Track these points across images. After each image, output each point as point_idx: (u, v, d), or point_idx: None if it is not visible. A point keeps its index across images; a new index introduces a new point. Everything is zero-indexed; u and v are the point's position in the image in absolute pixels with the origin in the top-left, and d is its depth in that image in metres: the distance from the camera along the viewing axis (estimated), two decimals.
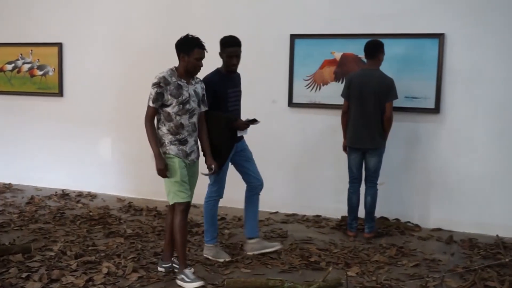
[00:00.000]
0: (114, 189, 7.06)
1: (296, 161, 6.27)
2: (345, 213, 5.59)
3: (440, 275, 4.22)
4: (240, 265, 4.58)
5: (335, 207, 5.93)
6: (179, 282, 4.13)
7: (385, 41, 5.43)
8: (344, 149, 5.54)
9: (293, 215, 6.19)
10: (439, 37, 5.60)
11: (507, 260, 2.36)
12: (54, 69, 7.30)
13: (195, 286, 4.05)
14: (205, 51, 4.32)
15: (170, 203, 4.26)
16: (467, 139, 5.67)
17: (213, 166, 4.50)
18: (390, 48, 5.61)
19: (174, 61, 6.76)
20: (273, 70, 6.26)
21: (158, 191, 6.74)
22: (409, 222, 5.85)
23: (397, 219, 5.88)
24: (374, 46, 5.33)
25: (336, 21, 5.98)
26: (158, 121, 4.26)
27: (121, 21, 6.95)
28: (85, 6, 7.12)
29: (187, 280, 4.09)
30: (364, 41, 5.46)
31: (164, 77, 4.18)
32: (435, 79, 5.63)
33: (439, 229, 5.71)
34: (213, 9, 6.53)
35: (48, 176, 7.43)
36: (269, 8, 6.29)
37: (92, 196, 6.99)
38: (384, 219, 5.85)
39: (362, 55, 5.69)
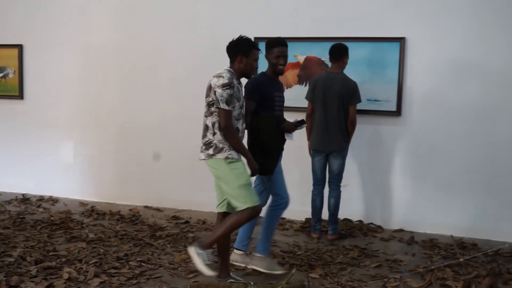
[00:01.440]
0: (76, 193, 6.96)
1: None
2: (309, 215, 5.63)
3: (401, 275, 4.28)
4: None
5: (299, 209, 5.95)
6: (193, 254, 3.88)
7: (347, 45, 5.49)
8: (310, 151, 5.57)
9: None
10: (400, 41, 5.69)
11: (461, 260, 2.41)
12: (14, 71, 7.16)
13: (205, 272, 3.85)
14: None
15: (242, 208, 3.85)
16: (427, 141, 5.78)
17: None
18: (353, 52, 5.66)
19: (138, 65, 6.76)
20: None
21: (121, 195, 6.71)
22: (372, 223, 5.92)
23: (360, 221, 5.95)
24: (339, 50, 5.38)
25: (300, 24, 6.03)
26: (213, 125, 3.91)
27: (83, 23, 6.86)
28: (46, 8, 7.00)
29: (205, 261, 3.86)
30: (327, 45, 5.51)
31: (232, 78, 3.90)
32: (397, 82, 5.72)
33: (401, 230, 5.80)
34: (176, 12, 6.50)
35: (8, 180, 7.28)
36: (232, 11, 6.30)
37: (53, 200, 6.88)
38: (347, 220, 5.92)
39: (325, 58, 5.75)
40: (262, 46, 6.07)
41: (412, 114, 5.77)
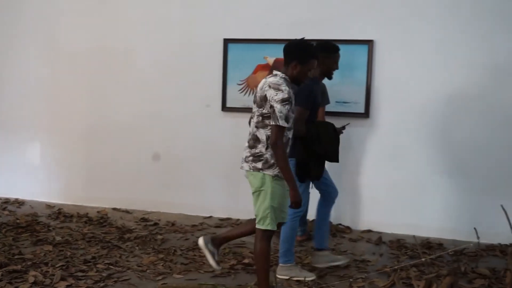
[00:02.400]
0: (43, 196, 6.84)
1: (230, 165, 6.25)
2: None
3: (366, 275, 4.33)
4: (173, 271, 4.54)
5: None
6: None
7: None
8: None
9: (227, 219, 6.19)
10: (369, 44, 5.75)
11: (423, 259, 2.46)
12: None
13: None
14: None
15: (262, 227, 3.74)
16: (395, 143, 5.85)
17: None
18: None
19: (108, 66, 6.67)
20: (207, 75, 6.25)
21: (89, 197, 6.64)
22: (340, 224, 5.97)
23: (329, 222, 5.98)
24: None
25: (269, 26, 6.05)
26: (267, 138, 3.66)
27: (50, 23, 6.76)
28: (12, 6, 6.87)
29: None
30: None
31: (290, 90, 3.66)
32: (365, 84, 5.78)
33: (369, 231, 5.86)
34: (146, 12, 6.45)
35: None
36: (202, 12, 6.28)
37: (19, 203, 6.75)
38: None
39: None
40: (234, 47, 6.16)
41: (380, 115, 5.84)
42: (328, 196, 4.77)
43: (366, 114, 5.82)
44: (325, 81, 5.46)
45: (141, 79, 6.48)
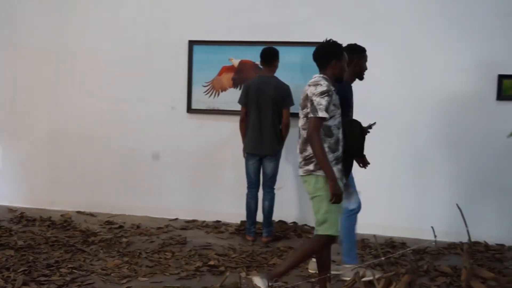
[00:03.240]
0: (5, 199, 6.70)
1: (196, 167, 6.27)
2: (244, 218, 5.66)
3: (328, 274, 4.37)
4: (138, 274, 4.51)
5: (235, 212, 5.98)
6: (258, 284, 3.67)
7: (280, 49, 5.58)
8: (244, 155, 5.59)
9: (193, 221, 6.17)
10: None
11: (382, 258, 2.50)
12: None
13: None
14: None
15: (321, 233, 3.71)
16: None
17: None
18: (286, 56, 5.76)
19: (72, 68, 6.59)
20: (172, 76, 6.23)
21: (53, 200, 6.54)
22: (306, 225, 6.01)
23: (295, 222, 6.04)
24: (271, 53, 5.45)
25: (234, 28, 6.06)
26: (308, 141, 3.64)
27: (11, 23, 6.64)
28: None
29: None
30: (261, 49, 5.57)
31: (330, 85, 3.68)
32: None
33: None
34: (110, 13, 6.39)
35: None
36: (167, 14, 6.26)
37: None
38: (282, 222, 5.99)
39: (259, 62, 5.81)
40: (199, 49, 6.15)
41: None
42: (354, 205, 4.62)
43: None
44: (289, 83, 5.53)
45: (105, 81, 6.42)
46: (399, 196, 5.84)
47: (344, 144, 3.94)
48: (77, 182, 6.54)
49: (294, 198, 6.07)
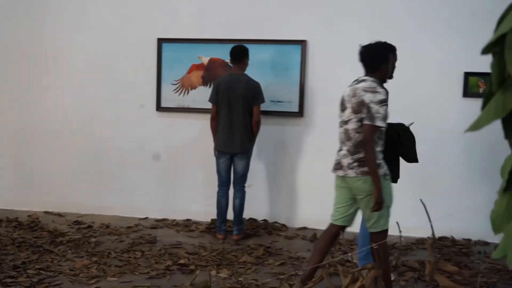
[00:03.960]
0: None
1: (165, 165, 6.23)
2: (215, 216, 5.65)
3: (296, 271, 4.39)
4: (107, 273, 4.47)
5: (205, 210, 5.97)
6: None
7: (251, 47, 5.57)
8: (215, 153, 5.58)
9: (163, 220, 6.14)
10: (302, 44, 5.84)
11: (350, 254, 2.53)
12: None
13: None
14: None
15: (377, 230, 3.84)
16: (329, 141, 5.90)
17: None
18: (256, 54, 5.76)
19: (38, 67, 6.47)
20: (141, 75, 6.18)
21: (19, 201, 6.43)
22: (276, 222, 6.03)
23: (265, 220, 6.05)
24: (240, 52, 5.44)
25: (204, 26, 6.04)
26: (361, 134, 3.77)
27: None
28: None
29: None
30: (231, 47, 5.56)
31: (387, 93, 3.79)
32: (299, 84, 5.86)
33: (305, 228, 5.94)
34: (77, 10, 6.30)
35: None
36: (135, 11, 6.20)
37: None
38: (252, 220, 5.99)
39: (228, 60, 5.81)
40: (168, 47, 6.11)
41: (314, 114, 5.93)
42: None
43: (300, 113, 5.90)
44: (260, 80, 5.53)
45: (73, 79, 6.33)
46: None
47: (401, 150, 4.09)
48: (45, 181, 6.45)
49: (265, 195, 6.08)
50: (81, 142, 6.35)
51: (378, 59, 3.88)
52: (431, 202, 5.16)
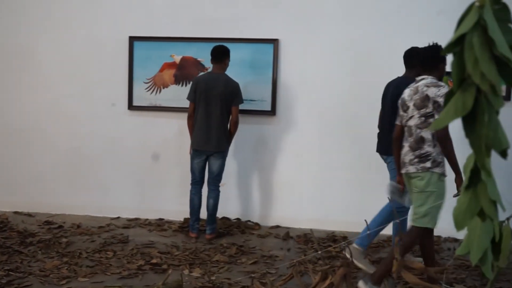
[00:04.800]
0: None
1: (138, 164, 6.19)
2: (188, 216, 5.63)
3: (266, 270, 4.42)
4: (78, 274, 4.42)
5: (178, 209, 5.94)
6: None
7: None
8: (190, 151, 5.52)
9: (136, 219, 6.10)
10: (274, 42, 5.85)
11: (319, 252, 2.55)
12: None
13: None
14: None
15: (420, 225, 3.89)
16: (301, 140, 5.98)
17: None
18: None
19: (9, 65, 6.36)
20: (112, 73, 6.12)
21: None
22: (249, 221, 6.04)
23: (238, 219, 6.05)
24: (222, 51, 5.39)
25: (176, 24, 6.01)
26: (433, 137, 3.87)
27: None
28: None
29: None
30: (204, 45, 5.57)
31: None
32: (271, 82, 5.88)
33: (278, 226, 5.96)
34: (49, 8, 6.21)
35: None
36: (107, 9, 6.14)
37: None
38: (225, 219, 5.99)
39: (201, 58, 5.80)
40: (140, 45, 6.07)
41: (286, 113, 5.95)
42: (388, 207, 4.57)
43: (272, 112, 5.92)
44: (237, 79, 5.52)
45: (44, 78, 6.24)
46: (342, 191, 5.93)
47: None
48: (14, 181, 6.35)
49: (238, 194, 6.09)
50: (52, 141, 6.27)
51: (438, 60, 4.02)
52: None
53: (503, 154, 1.11)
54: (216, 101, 5.32)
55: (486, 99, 1.03)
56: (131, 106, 6.10)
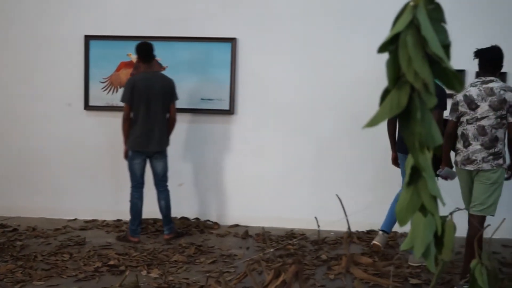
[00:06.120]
0: None
1: (95, 165, 6.10)
2: (148, 216, 5.59)
3: (221, 269, 4.42)
4: (33, 277, 4.34)
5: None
6: None
7: (181, 45, 5.57)
8: (125, 155, 5.38)
9: (93, 221, 6.01)
10: (232, 42, 5.85)
11: (271, 250, 2.58)
12: None
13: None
14: None
15: (485, 214, 4.23)
16: (260, 139, 6.00)
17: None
18: (186, 52, 5.76)
19: None
20: (68, 72, 6.02)
21: None
22: (208, 220, 6.02)
23: (197, 218, 6.03)
24: (151, 49, 5.29)
25: (133, 23, 5.94)
26: (505, 136, 4.25)
27: None
28: None
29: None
30: (161, 44, 5.54)
31: None
32: (229, 81, 5.88)
33: (237, 225, 5.96)
34: (2, 7, 6.06)
35: None
36: (62, 7, 6.03)
37: None
38: (184, 219, 5.97)
39: (158, 57, 5.76)
40: (96, 44, 5.98)
41: (245, 112, 5.96)
42: None
43: (231, 111, 5.92)
44: (189, 78, 5.50)
45: None
46: (300, 189, 5.97)
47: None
48: None
49: (197, 194, 6.07)
50: (6, 142, 6.13)
51: (501, 61, 4.28)
52: (355, 195, 5.36)
53: (436, 150, 1.14)
54: (156, 100, 5.23)
55: (419, 97, 1.06)
56: (87, 106, 6.02)
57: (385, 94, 1.11)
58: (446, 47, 1.10)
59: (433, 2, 1.10)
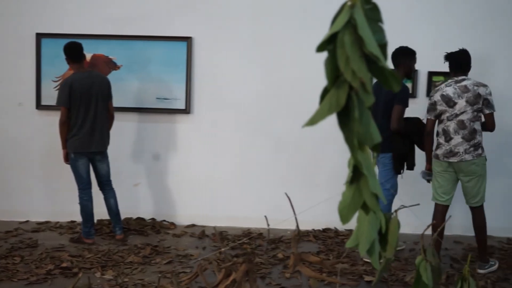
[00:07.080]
0: None
1: (46, 165, 5.97)
2: (101, 217, 5.51)
3: (173, 269, 4.40)
4: None
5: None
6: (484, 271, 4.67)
7: (136, 43, 5.52)
8: (66, 159, 5.27)
9: (46, 222, 5.88)
10: (187, 40, 5.82)
11: (223, 249, 2.57)
12: None
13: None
14: None
15: (480, 204, 4.67)
16: (216, 138, 5.98)
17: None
18: (141, 51, 5.71)
19: None
20: (18, 71, 5.89)
21: None
22: (164, 220, 5.98)
23: (153, 219, 5.98)
24: (81, 48, 5.19)
25: (87, 21, 5.85)
26: (482, 127, 4.65)
27: None
28: None
29: (493, 263, 4.75)
30: (116, 43, 5.49)
31: None
32: (185, 80, 5.84)
33: (193, 225, 5.94)
34: None
35: None
36: (12, 4, 5.89)
37: None
38: (140, 219, 5.91)
39: (112, 56, 5.68)
40: (48, 42, 5.86)
41: (201, 111, 5.93)
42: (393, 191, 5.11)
43: (187, 110, 5.89)
44: (145, 77, 5.45)
45: None
46: (257, 188, 5.98)
47: (418, 140, 4.93)
48: None
49: (152, 194, 6.01)
50: None
51: (470, 62, 4.68)
52: (311, 193, 5.41)
53: (375, 148, 1.15)
54: (96, 100, 5.15)
55: (357, 96, 1.07)
56: (39, 106, 5.89)
57: (325, 93, 1.12)
58: (383, 46, 1.12)
59: (370, 2, 1.11)
